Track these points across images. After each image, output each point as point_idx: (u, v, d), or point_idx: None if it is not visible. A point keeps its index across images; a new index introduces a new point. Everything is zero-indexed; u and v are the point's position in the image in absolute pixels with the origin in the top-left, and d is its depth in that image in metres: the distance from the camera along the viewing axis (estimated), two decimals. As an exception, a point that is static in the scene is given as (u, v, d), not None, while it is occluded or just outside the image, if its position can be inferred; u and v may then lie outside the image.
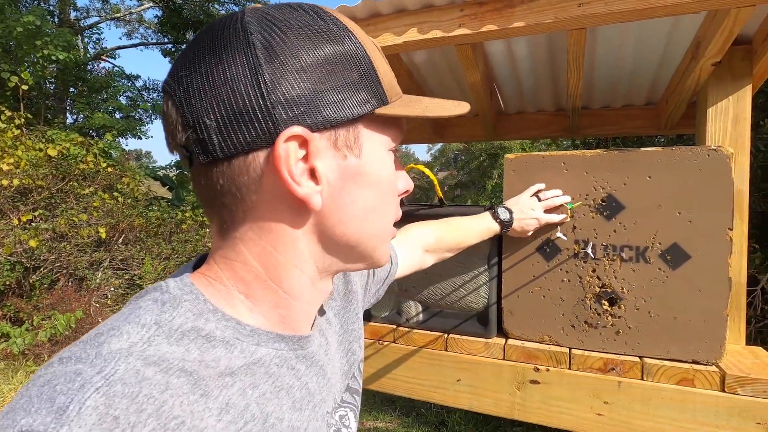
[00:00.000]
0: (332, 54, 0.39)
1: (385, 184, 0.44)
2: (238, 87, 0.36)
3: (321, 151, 0.39)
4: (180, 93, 0.37)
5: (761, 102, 2.54)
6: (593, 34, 1.24)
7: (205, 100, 0.36)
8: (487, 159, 12.01)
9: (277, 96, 0.36)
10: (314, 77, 0.37)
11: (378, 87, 0.41)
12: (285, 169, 0.37)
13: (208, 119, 0.36)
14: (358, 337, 0.62)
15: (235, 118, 0.36)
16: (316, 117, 0.38)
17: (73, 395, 0.29)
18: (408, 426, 3.16)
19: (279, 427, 0.40)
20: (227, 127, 0.36)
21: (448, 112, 0.46)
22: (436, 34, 1.08)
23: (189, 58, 0.38)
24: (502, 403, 1.09)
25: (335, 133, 0.39)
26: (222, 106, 0.36)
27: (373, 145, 0.42)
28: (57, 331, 3.78)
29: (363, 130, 0.41)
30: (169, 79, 0.39)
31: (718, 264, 0.94)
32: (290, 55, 0.37)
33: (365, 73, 0.40)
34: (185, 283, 0.40)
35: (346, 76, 0.39)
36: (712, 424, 0.91)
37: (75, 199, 4.93)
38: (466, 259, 1.17)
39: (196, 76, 0.37)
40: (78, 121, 10.58)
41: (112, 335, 0.34)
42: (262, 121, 0.36)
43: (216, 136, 0.37)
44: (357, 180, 0.41)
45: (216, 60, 0.37)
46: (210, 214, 0.42)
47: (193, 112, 0.37)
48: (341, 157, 0.40)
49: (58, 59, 7.67)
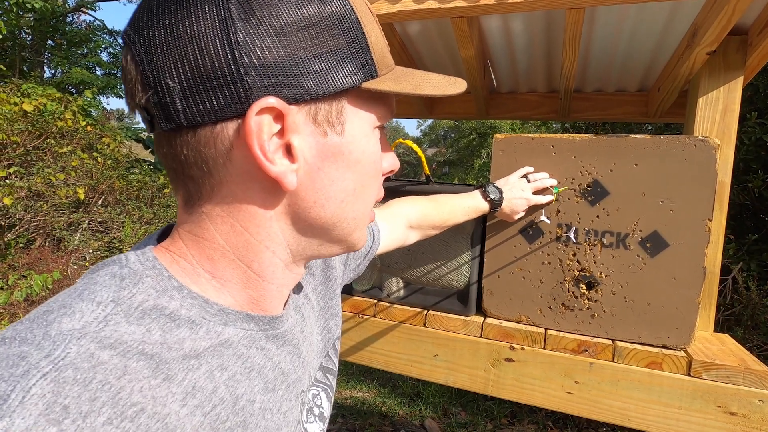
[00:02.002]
0: (318, 15, 0.34)
1: (367, 164, 0.40)
2: (206, 45, 0.32)
3: (299, 126, 0.35)
4: (140, 46, 0.33)
5: (749, 95, 2.56)
6: (591, 15, 1.22)
7: (169, 58, 0.32)
8: (477, 138, 11.99)
9: (251, 59, 0.32)
10: (295, 41, 0.33)
11: (367, 57, 0.37)
12: (257, 144, 0.33)
13: (171, 80, 0.32)
14: (334, 314, 0.60)
15: (202, 82, 0.32)
16: (295, 88, 0.34)
17: (15, 382, 0.26)
18: (384, 397, 3.24)
19: (250, 409, 0.37)
20: (192, 92, 0.32)
21: (441, 90, 0.42)
22: (431, 5, 1.04)
23: (152, 6, 0.33)
24: (477, 379, 1.12)
25: (315, 106, 0.36)
26: (187, 67, 0.32)
27: (357, 122, 0.38)
28: (33, 291, 3.72)
29: (347, 105, 0.37)
30: (129, 29, 0.34)
31: (695, 253, 0.96)
32: (269, 12, 0.32)
33: (354, 40, 0.36)
34: (147, 258, 0.36)
35: (332, 42, 0.35)
36: (676, 405, 0.94)
37: (52, 157, 4.77)
38: (449, 238, 1.17)
39: (159, 29, 0.32)
40: (56, 76, 10.14)
41: (63, 313, 0.31)
42: (232, 87, 0.32)
43: (180, 101, 0.33)
44: (337, 159, 0.38)
45: (182, 11, 0.32)
46: (175, 185, 0.39)
47: (154, 70, 0.33)
48: (321, 134, 0.36)
49: (33, 8, 7.27)
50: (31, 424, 0.25)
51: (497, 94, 1.84)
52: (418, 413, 3.01)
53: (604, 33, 1.31)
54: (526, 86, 1.77)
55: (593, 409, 1.01)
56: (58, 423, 0.25)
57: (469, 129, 12.14)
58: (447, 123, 14.40)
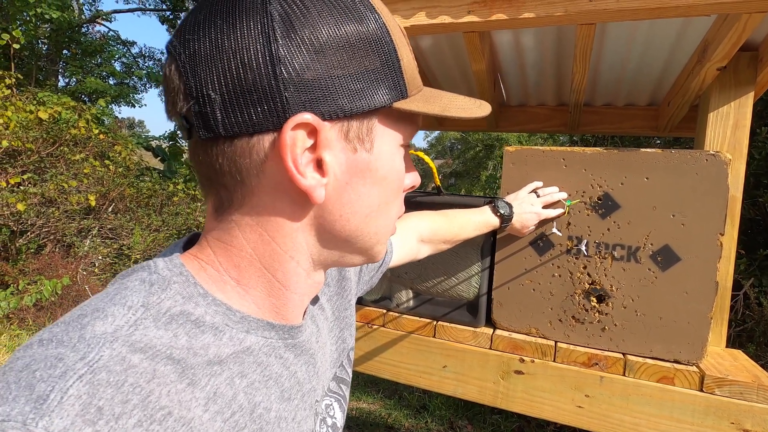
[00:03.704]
0: (355, 35, 0.35)
1: (392, 181, 0.41)
2: (249, 59, 0.33)
3: (331, 141, 0.36)
4: (185, 58, 0.34)
5: (759, 110, 2.55)
6: (602, 29, 1.23)
7: (212, 70, 0.33)
8: (483, 150, 12.01)
9: (290, 76, 0.33)
10: (333, 60, 0.34)
11: (399, 78, 0.38)
12: (290, 158, 0.34)
13: (213, 92, 0.34)
14: (349, 324, 0.60)
15: (242, 94, 0.33)
16: (330, 105, 0.35)
17: (54, 383, 0.27)
18: (390, 408, 3.21)
19: (266, 417, 0.38)
20: (233, 104, 0.34)
21: (467, 113, 0.42)
22: (444, 20, 1.06)
23: (198, 20, 0.35)
24: (486, 391, 1.11)
25: (348, 123, 0.37)
26: (229, 79, 0.33)
27: (385, 139, 0.39)
28: (43, 297, 3.75)
29: (377, 123, 0.38)
30: (175, 40, 0.36)
31: (707, 268, 0.96)
32: (310, 31, 0.34)
33: (387, 61, 0.37)
34: (175, 264, 0.38)
35: (368, 62, 0.36)
36: (688, 421, 0.93)
37: (65, 164, 4.85)
38: (459, 249, 1.18)
39: (204, 42, 0.34)
40: (70, 85, 10.34)
41: (96, 317, 0.32)
42: (271, 102, 0.34)
43: (220, 112, 0.34)
44: (365, 175, 0.39)
45: (227, 26, 0.33)
46: (206, 192, 0.40)
47: (198, 81, 0.34)
48: (351, 150, 0.38)
49: (51, 18, 7.45)
50: (69, 424, 0.26)
51: (507, 107, 1.85)
52: (424, 426, 2.98)
53: (614, 48, 1.32)
54: (535, 99, 1.78)
55: (604, 424, 1.00)
56: (93, 424, 0.26)
57: (476, 141, 12.17)
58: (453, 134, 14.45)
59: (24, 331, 3.78)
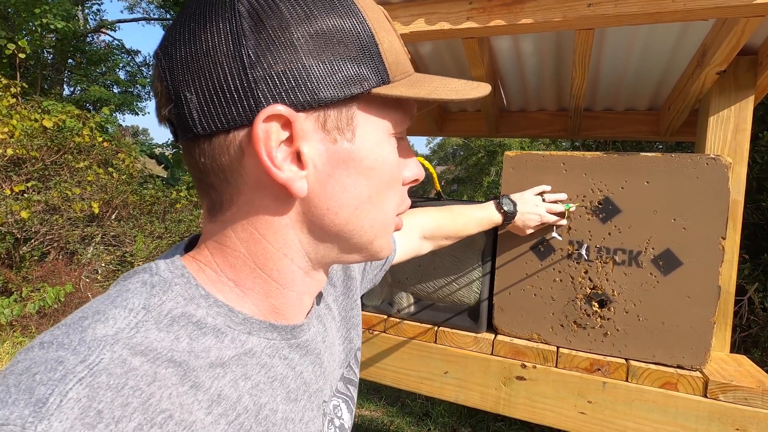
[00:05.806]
0: (326, 23, 0.35)
1: (382, 172, 0.39)
2: (219, 59, 0.33)
3: (307, 132, 0.35)
4: (164, 63, 0.35)
5: (761, 114, 2.55)
6: (601, 35, 1.24)
7: (187, 73, 0.34)
8: (486, 156, 12.01)
9: (261, 71, 0.33)
10: (304, 50, 0.34)
11: (378, 64, 0.36)
12: (264, 151, 0.34)
13: (189, 93, 0.34)
14: (356, 324, 0.60)
15: (216, 93, 0.34)
16: (303, 95, 0.34)
17: (53, 386, 0.27)
18: (393, 416, 3.19)
19: (273, 419, 0.38)
20: (207, 102, 0.34)
21: (460, 95, 0.40)
22: (443, 26, 1.07)
23: (176, 26, 0.36)
24: (488, 397, 1.11)
25: (324, 113, 0.36)
26: (203, 79, 0.34)
27: (369, 128, 0.38)
28: (46, 304, 3.76)
29: (357, 111, 0.37)
30: (158, 48, 0.37)
31: (709, 272, 0.95)
32: (278, 23, 0.33)
33: (363, 46, 0.36)
34: (176, 266, 0.37)
35: (340, 49, 0.35)
36: (692, 427, 0.92)
37: (69, 172, 4.88)
38: (460, 254, 1.18)
39: (180, 46, 0.35)
40: (75, 94, 10.44)
41: (97, 320, 0.32)
42: (243, 98, 0.34)
43: (196, 112, 0.34)
44: (348, 166, 0.37)
45: (199, 27, 0.34)
46: (200, 194, 0.40)
47: (175, 84, 0.35)
48: (330, 141, 0.36)
49: (56, 28, 7.53)
50: (68, 428, 0.26)
51: (507, 113, 1.86)
52: (426, 433, 2.95)
53: (614, 53, 1.32)
54: (536, 105, 1.78)
55: (607, 430, 0.99)
56: (93, 427, 0.26)
57: (478, 147, 12.17)
58: (456, 141, 14.46)
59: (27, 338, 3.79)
